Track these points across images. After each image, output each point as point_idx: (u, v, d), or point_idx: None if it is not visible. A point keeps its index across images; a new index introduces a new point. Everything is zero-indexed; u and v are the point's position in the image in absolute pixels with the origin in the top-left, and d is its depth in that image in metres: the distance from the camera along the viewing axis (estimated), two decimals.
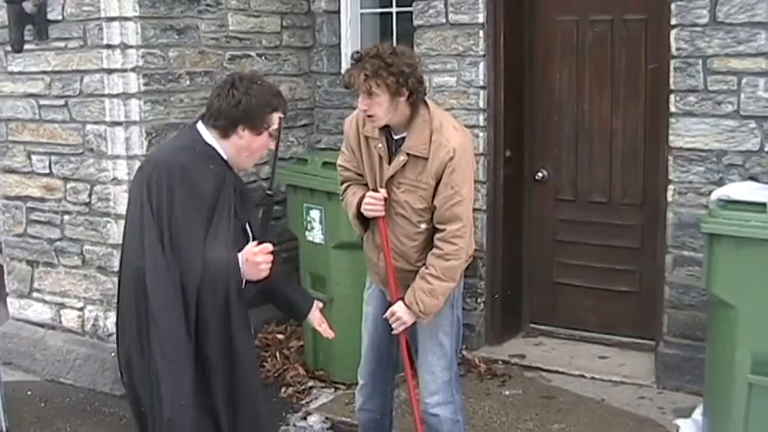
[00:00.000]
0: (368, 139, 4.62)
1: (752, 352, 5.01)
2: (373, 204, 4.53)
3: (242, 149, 3.99)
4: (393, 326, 4.62)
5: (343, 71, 7.73)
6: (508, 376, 6.64)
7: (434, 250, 4.49)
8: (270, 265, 3.94)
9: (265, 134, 3.99)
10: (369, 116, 4.44)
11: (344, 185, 4.82)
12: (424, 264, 4.55)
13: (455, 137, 4.46)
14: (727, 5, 5.92)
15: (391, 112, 4.40)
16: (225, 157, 4.00)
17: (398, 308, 4.58)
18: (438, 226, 4.48)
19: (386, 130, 4.54)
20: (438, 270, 4.47)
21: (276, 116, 4.01)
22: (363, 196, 4.57)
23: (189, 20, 6.79)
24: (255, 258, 3.89)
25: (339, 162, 4.87)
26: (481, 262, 6.96)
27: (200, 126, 4.02)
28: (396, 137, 4.54)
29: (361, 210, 4.60)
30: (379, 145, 4.55)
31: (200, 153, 3.95)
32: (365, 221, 4.73)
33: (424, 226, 4.54)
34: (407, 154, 4.46)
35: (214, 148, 3.98)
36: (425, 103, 4.52)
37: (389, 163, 4.53)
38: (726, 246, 5.03)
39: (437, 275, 4.47)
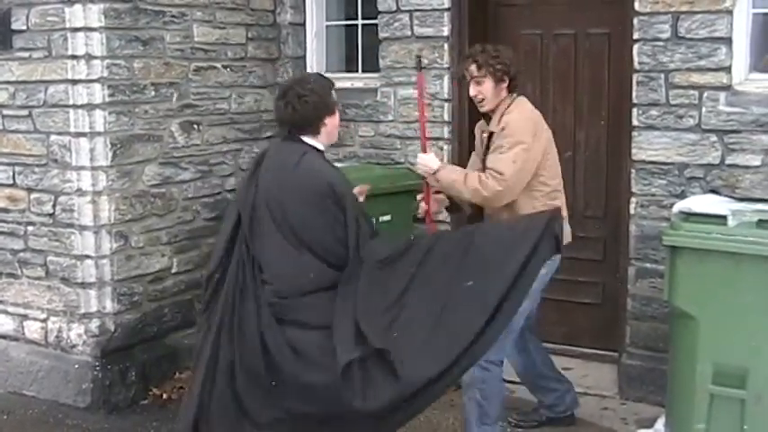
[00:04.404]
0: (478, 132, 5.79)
1: (713, 363, 5.07)
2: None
3: (330, 134, 4.69)
4: (419, 168, 5.49)
5: None
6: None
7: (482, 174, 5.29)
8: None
9: (337, 110, 4.68)
10: (480, 100, 5.44)
11: None
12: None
13: (512, 117, 5.35)
14: (688, 21, 6.00)
15: (495, 97, 5.41)
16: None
17: (427, 156, 5.52)
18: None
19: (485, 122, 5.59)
20: (475, 180, 5.23)
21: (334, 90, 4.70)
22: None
23: (154, 31, 6.77)
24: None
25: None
26: None
27: (305, 137, 4.58)
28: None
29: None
30: (484, 134, 5.56)
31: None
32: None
33: None
34: (491, 132, 5.45)
35: (321, 151, 4.64)
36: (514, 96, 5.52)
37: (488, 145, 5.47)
38: (687, 258, 5.10)
39: (471, 179, 5.27)
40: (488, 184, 5.18)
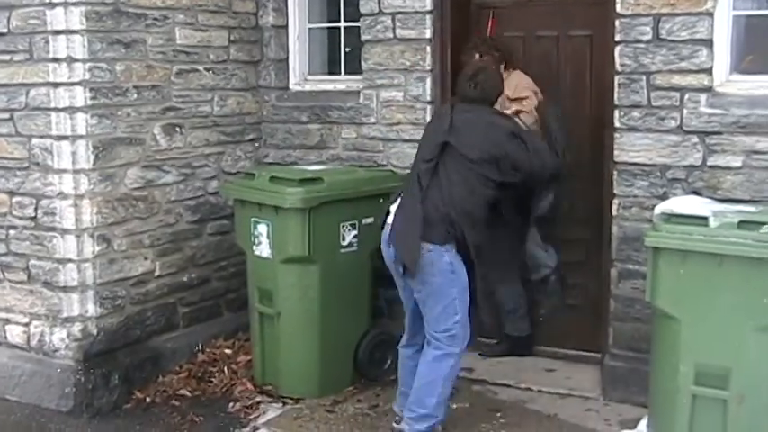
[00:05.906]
0: None
1: (695, 363, 5.08)
2: None
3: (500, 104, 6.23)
4: None
5: (290, 86, 7.81)
6: (455, 389, 6.63)
7: None
8: None
9: None
10: None
11: None
12: None
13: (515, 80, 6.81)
14: (669, 23, 6.02)
15: None
16: None
17: None
18: None
19: None
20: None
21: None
22: None
23: (136, 34, 6.76)
24: None
25: None
26: None
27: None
28: None
29: None
30: None
31: None
32: None
33: None
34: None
35: None
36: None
37: None
38: (669, 259, 5.11)
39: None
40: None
